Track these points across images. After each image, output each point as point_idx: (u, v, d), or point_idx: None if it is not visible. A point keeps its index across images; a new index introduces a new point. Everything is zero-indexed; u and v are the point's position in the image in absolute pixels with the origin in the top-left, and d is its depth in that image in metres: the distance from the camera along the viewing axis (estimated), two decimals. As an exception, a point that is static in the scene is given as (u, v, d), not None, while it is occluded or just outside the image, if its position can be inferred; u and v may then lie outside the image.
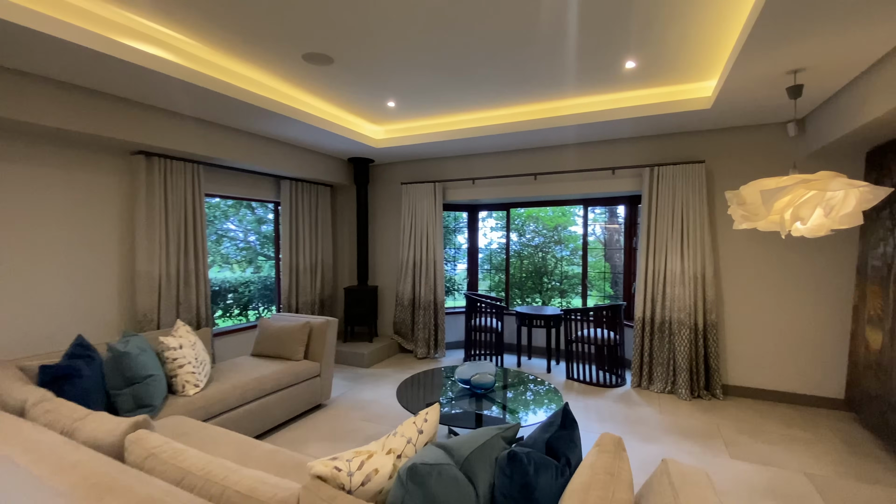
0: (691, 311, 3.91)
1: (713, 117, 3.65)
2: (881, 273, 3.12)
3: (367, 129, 4.62)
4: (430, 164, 5.37)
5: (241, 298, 6.50)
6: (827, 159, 3.61)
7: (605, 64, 3.03)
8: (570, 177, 4.64)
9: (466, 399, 2.80)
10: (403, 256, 5.31)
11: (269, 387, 3.10)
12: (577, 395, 4.00)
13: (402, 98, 3.74)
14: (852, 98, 2.83)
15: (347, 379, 4.42)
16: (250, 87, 3.29)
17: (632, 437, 3.15)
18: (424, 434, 1.41)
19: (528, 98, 3.74)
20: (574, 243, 7.17)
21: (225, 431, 2.21)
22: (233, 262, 7.18)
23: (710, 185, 4.02)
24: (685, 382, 3.89)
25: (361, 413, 3.54)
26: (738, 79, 2.80)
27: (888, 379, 2.97)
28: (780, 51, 2.42)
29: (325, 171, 5.15)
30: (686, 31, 2.58)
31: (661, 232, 4.07)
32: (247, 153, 4.10)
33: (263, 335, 3.61)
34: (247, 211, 7.38)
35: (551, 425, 1.46)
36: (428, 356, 5.21)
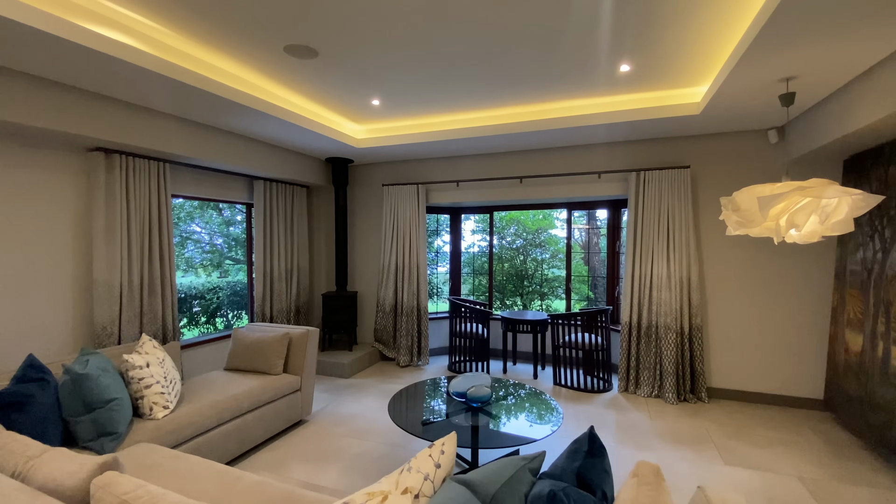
0: (677, 316, 3.93)
1: (699, 123, 3.67)
2: (861, 277, 3.21)
3: (349, 127, 4.42)
4: (414, 165, 5.21)
5: (209, 306, 6.12)
6: (806, 166, 3.69)
7: (599, 66, 2.97)
8: (556, 180, 4.59)
9: (462, 414, 2.67)
10: (385, 261, 5.13)
11: (247, 405, 2.87)
12: (565, 401, 3.94)
13: (388, 96, 3.58)
14: (837, 108, 2.88)
15: (328, 391, 4.20)
16: (226, 80, 3.04)
17: (626, 444, 3.11)
18: (442, 468, 1.27)
19: (517, 99, 3.65)
20: (554, 246, 7.17)
21: (201, 461, 1.98)
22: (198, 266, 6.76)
23: (695, 190, 4.05)
24: (672, 386, 3.89)
25: (345, 429, 3.34)
26: (733, 85, 2.80)
27: (868, 380, 3.05)
28: (778, 58, 2.42)
29: (301, 172, 4.90)
30: (684, 34, 2.54)
31: (647, 236, 4.07)
32: (219, 151, 3.82)
33: (238, 348, 3.36)
34: (213, 212, 6.97)
35: (577, 452, 1.35)
36: (411, 364, 5.04)
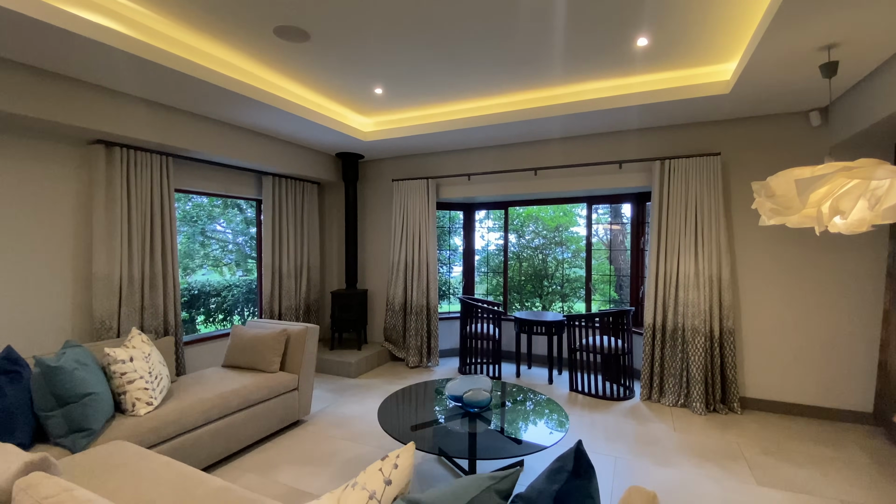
0: (706, 317, 3.58)
1: (730, 105, 3.33)
2: (921, 275, 2.80)
3: (355, 120, 4.29)
4: (423, 159, 5.05)
5: (224, 303, 6.15)
6: (852, 150, 3.29)
7: (614, 41, 2.71)
8: (573, 171, 4.31)
9: (458, 419, 2.46)
10: (394, 258, 4.98)
11: (236, 404, 2.76)
12: (581, 409, 3.66)
13: (391, 84, 3.42)
14: (888, 80, 2.51)
15: (332, 391, 4.07)
16: (222, 69, 2.96)
17: (645, 458, 2.81)
18: (394, 485, 1.08)
19: (528, 83, 3.42)
20: (576, 245, 6.84)
21: (169, 462, 1.86)
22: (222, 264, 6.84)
23: (726, 180, 3.70)
24: (700, 395, 3.55)
25: (343, 431, 3.19)
26: (763, 57, 2.48)
27: (932, 394, 2.65)
28: (814, 22, 2.11)
29: (311, 167, 4.82)
30: (708, 1, 2.26)
31: (672, 231, 3.74)
32: (223, 145, 3.77)
33: (236, 344, 3.27)
34: (235, 211, 7.05)
35: (559, 471, 1.12)
36: (420, 365, 4.86)
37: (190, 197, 5.67)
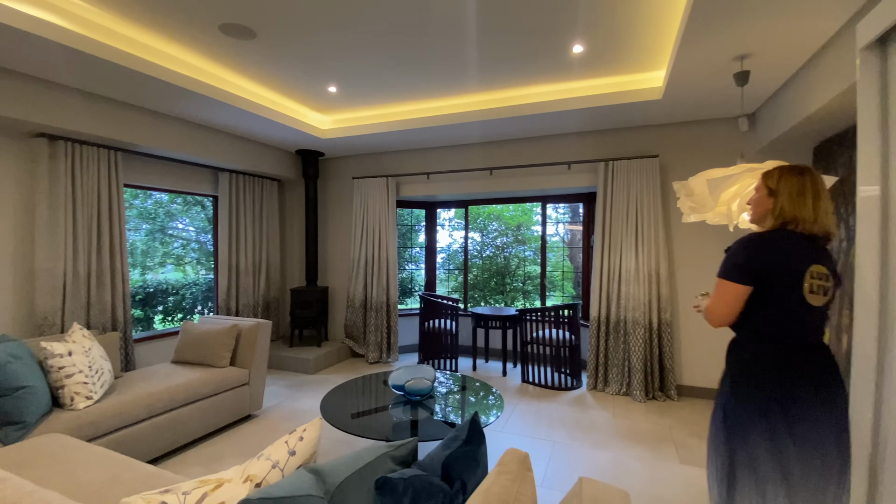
0: (646, 310, 3.79)
1: (666, 110, 3.55)
2: (830, 269, 3.06)
3: (312, 118, 4.33)
4: (383, 157, 5.12)
5: (183, 301, 6.06)
6: (777, 154, 3.55)
7: (553, 46, 2.86)
8: (526, 172, 4.47)
9: (401, 407, 2.56)
10: (355, 255, 5.03)
11: (183, 397, 2.77)
12: (530, 398, 3.82)
13: (344, 83, 3.49)
14: (798, 89, 2.75)
15: (288, 387, 4.10)
16: (169, 64, 2.97)
17: (582, 442, 2.98)
18: (297, 455, 1.16)
19: (479, 86, 3.55)
20: (536, 243, 7.04)
21: (103, 452, 1.89)
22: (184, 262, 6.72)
23: (664, 180, 3.92)
24: (640, 384, 3.75)
25: (294, 424, 3.23)
26: (684, 66, 2.68)
27: (837, 377, 2.90)
28: (724, 34, 2.30)
29: (270, 164, 4.83)
30: (634, 11, 2.43)
31: (615, 228, 3.94)
32: (176, 140, 3.75)
33: (185, 340, 3.27)
34: (198, 209, 6.93)
35: (455, 440, 1.23)
36: (380, 360, 4.93)
37: (150, 194, 5.57)
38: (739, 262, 1.41)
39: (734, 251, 1.44)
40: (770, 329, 1.39)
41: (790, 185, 1.42)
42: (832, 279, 1.37)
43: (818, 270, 1.35)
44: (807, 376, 1.33)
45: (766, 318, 1.39)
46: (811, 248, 1.38)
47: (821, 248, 1.40)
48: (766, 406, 1.34)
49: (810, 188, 1.40)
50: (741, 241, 1.44)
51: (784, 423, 1.31)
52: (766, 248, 1.38)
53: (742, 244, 1.43)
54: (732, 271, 1.41)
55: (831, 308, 2.94)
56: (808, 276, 1.34)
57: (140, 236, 5.52)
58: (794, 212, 1.40)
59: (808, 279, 1.34)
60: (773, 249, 1.38)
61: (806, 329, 1.36)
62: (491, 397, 2.75)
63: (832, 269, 1.39)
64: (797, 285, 1.34)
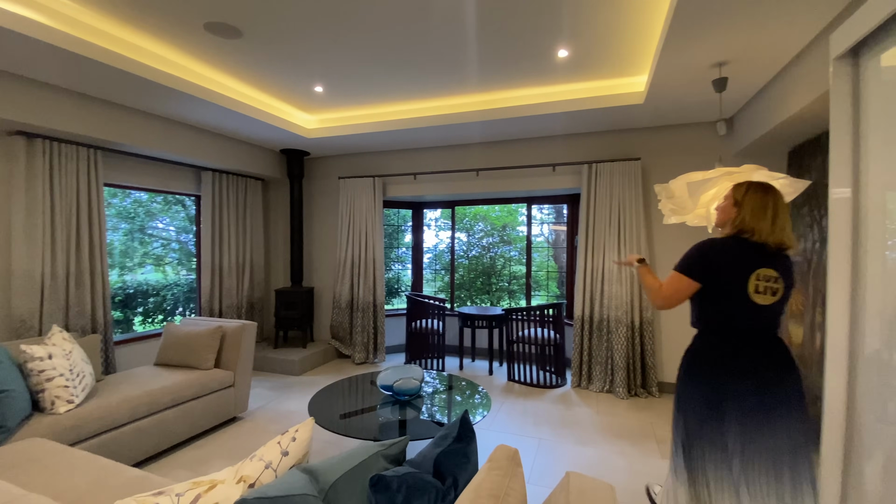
0: (628, 309, 3.88)
1: (648, 114, 3.63)
2: (801, 268, 3.18)
3: (298, 117, 4.31)
4: (370, 157, 5.11)
5: (164, 303, 5.95)
6: (753, 158, 3.67)
7: (538, 50, 2.91)
8: (512, 173, 4.53)
9: (389, 407, 2.57)
10: (341, 255, 5.02)
11: (167, 400, 2.74)
12: (516, 397, 3.87)
13: (331, 83, 3.48)
14: (773, 96, 2.86)
15: (274, 388, 4.07)
16: (153, 62, 2.92)
17: (566, 439, 3.04)
18: (290, 456, 1.17)
19: (467, 88, 3.58)
20: (521, 243, 7.12)
21: (87, 456, 1.86)
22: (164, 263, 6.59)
23: (646, 183, 4.02)
24: (623, 381, 3.84)
25: (281, 426, 3.22)
26: (665, 71, 2.76)
27: (810, 372, 3.02)
28: (703, 42, 2.38)
29: (254, 163, 4.78)
30: (617, 17, 2.49)
31: (599, 229, 4.02)
32: (158, 139, 3.69)
33: (169, 342, 3.22)
34: (179, 208, 6.81)
35: (446, 437, 1.26)
36: (367, 361, 4.93)
37: (128, 193, 5.45)
38: (693, 262, 1.62)
39: (691, 252, 1.65)
40: (717, 323, 1.60)
41: (754, 201, 1.63)
42: (782, 281, 1.54)
43: (765, 273, 1.53)
44: (752, 364, 1.51)
45: (714, 313, 1.60)
46: (760, 254, 1.56)
47: (771, 255, 1.57)
48: (712, 389, 1.54)
49: (771, 206, 1.60)
50: (698, 244, 1.66)
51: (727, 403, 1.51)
52: (717, 252, 1.59)
53: (697, 247, 1.64)
54: (687, 268, 1.63)
55: (805, 306, 3.07)
56: (753, 278, 1.53)
57: (118, 236, 5.41)
58: (753, 224, 1.59)
59: (753, 281, 1.53)
60: (722, 254, 1.58)
61: (751, 323, 1.54)
62: (478, 396, 2.78)
63: (783, 272, 1.55)
64: (742, 286, 1.53)
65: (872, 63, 1.44)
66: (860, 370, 1.45)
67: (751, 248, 1.57)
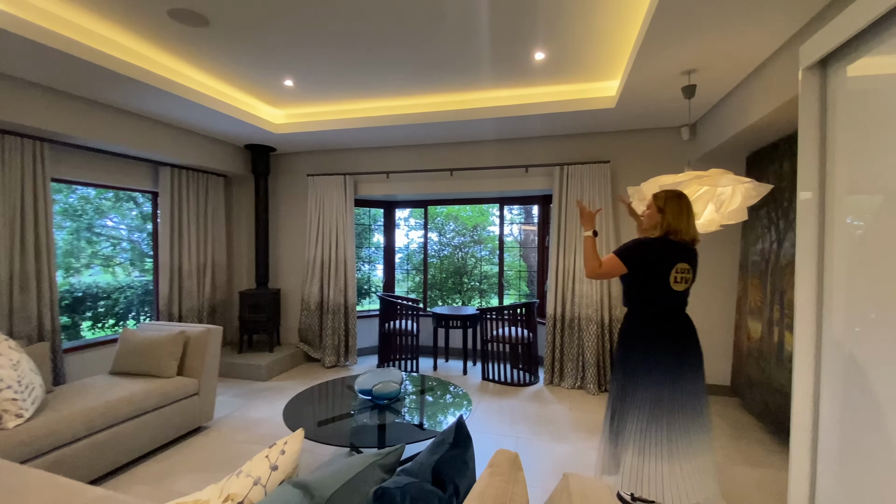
0: (598, 307, 3.99)
1: (617, 118, 3.74)
2: (760, 267, 3.38)
3: (265, 111, 4.14)
4: (341, 155, 4.99)
5: (115, 306, 5.58)
6: (714, 162, 3.86)
7: (515, 52, 2.92)
8: (485, 174, 4.55)
9: (368, 412, 2.52)
10: (310, 255, 4.87)
11: (127, 412, 2.56)
12: (491, 395, 3.89)
13: (301, 77, 3.36)
14: (736, 103, 3.01)
15: (240, 395, 3.90)
16: (109, 49, 2.72)
17: (542, 437, 3.08)
18: (280, 470, 1.11)
19: (443, 87, 3.55)
20: (492, 243, 7.18)
21: (44, 475, 1.70)
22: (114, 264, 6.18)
23: (615, 185, 4.14)
24: (593, 377, 3.94)
25: (250, 434, 3.08)
26: (638, 77, 2.84)
27: (768, 366, 3.21)
28: (676, 49, 2.47)
29: (216, 159, 4.55)
30: (593, 23, 2.54)
31: (570, 230, 4.11)
32: (112, 131, 3.44)
33: (126, 349, 3.01)
34: (130, 205, 6.40)
35: (441, 444, 1.24)
36: (338, 364, 4.82)
37: (74, 188, 5.07)
38: (630, 253, 2.01)
39: (630, 245, 2.04)
40: (644, 304, 2.04)
41: (673, 206, 2.05)
42: (691, 272, 2.02)
43: (682, 266, 1.98)
44: (669, 335, 1.98)
45: (642, 296, 2.03)
46: (681, 251, 1.99)
47: (688, 251, 2.02)
48: (643, 356, 1.98)
49: (685, 209, 2.05)
50: (637, 241, 2.05)
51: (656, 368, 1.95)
52: (647, 249, 2.00)
53: (636, 243, 2.04)
54: (624, 256, 2.01)
55: (763, 303, 3.25)
56: (673, 271, 1.97)
57: (63, 235, 5.03)
58: (676, 225, 2.01)
59: (673, 273, 1.97)
60: (651, 251, 1.99)
61: (668, 304, 2.00)
62: (457, 397, 2.77)
63: (693, 265, 2.03)
64: (665, 277, 1.96)
65: (839, 73, 1.53)
66: (826, 364, 1.54)
67: (674, 246, 1.99)
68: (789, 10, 2.05)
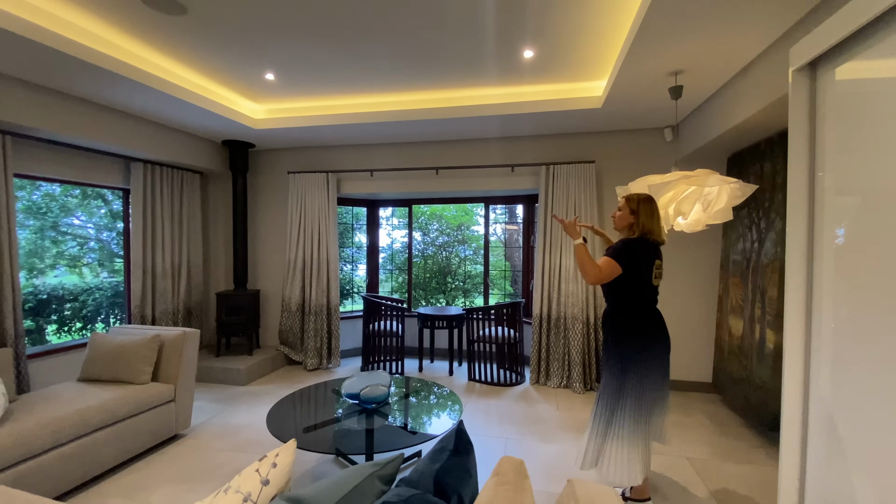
0: (584, 307, 4.00)
1: (603, 118, 3.76)
2: (741, 267, 3.44)
3: (245, 106, 4.00)
4: (323, 152, 4.88)
5: (83, 309, 5.32)
6: (697, 162, 3.92)
7: (504, 50, 2.89)
8: (471, 173, 4.51)
9: (356, 417, 2.44)
10: (291, 255, 4.74)
11: (97, 421, 2.41)
12: (478, 396, 3.86)
13: (284, 70, 3.25)
14: (720, 105, 3.06)
15: (218, 401, 3.76)
16: (78, 36, 2.56)
17: (531, 437, 3.06)
18: (272, 485, 1.04)
19: (430, 84, 3.50)
20: (476, 243, 7.16)
21: (10, 492, 1.57)
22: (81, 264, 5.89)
23: (600, 185, 4.16)
24: (579, 376, 3.96)
25: (230, 442, 2.96)
26: (627, 76, 2.85)
27: (748, 362, 3.27)
28: (665, 49, 2.48)
29: (192, 154, 4.38)
30: (583, 21, 2.53)
31: (556, 229, 4.11)
32: (81, 124, 3.26)
33: (96, 354, 2.85)
34: (99, 202, 6.11)
35: (442, 451, 1.19)
36: (320, 367, 4.70)
37: (38, 185, 4.80)
38: (623, 254, 2.11)
39: (620, 247, 2.14)
40: (634, 300, 2.17)
41: (646, 208, 2.19)
42: (662, 267, 2.24)
43: (658, 263, 2.18)
44: (655, 326, 2.17)
45: (631, 293, 2.16)
46: (655, 250, 2.18)
47: (658, 249, 2.21)
48: (641, 348, 2.14)
49: (656, 212, 2.21)
50: (625, 242, 2.16)
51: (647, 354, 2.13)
52: (636, 249, 2.13)
53: (625, 244, 2.15)
54: (618, 258, 2.11)
55: (744, 301, 3.31)
56: (654, 267, 2.15)
57: (25, 234, 4.76)
58: (649, 226, 2.18)
59: (654, 270, 2.15)
60: (639, 250, 2.13)
61: (650, 298, 2.19)
62: (447, 400, 2.72)
63: (662, 261, 2.23)
64: (647, 273, 2.13)
65: (828, 76, 1.55)
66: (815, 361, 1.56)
67: (651, 245, 2.16)
68: (777, 11, 2.08)
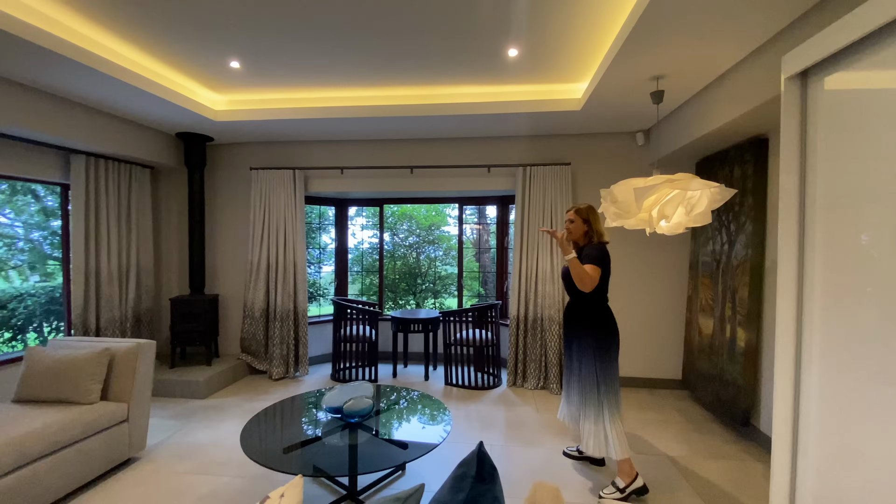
0: (560, 307, 4.01)
1: (580, 121, 3.78)
2: (711, 267, 3.56)
3: (204, 96, 3.69)
4: (290, 147, 4.61)
5: (12, 318, 4.75)
6: (667, 167, 4.03)
7: (487, 47, 2.81)
8: (447, 172, 4.41)
9: (339, 432, 2.28)
10: (254, 258, 4.44)
11: (38, 449, 2.10)
12: (456, 401, 3.77)
13: (250, 59, 3.01)
14: (695, 111, 3.14)
15: (175, 417, 3.44)
16: (13, 10, 2.22)
17: (515, 442, 3.01)
18: (280, 531, 0.90)
19: (406, 79, 3.37)
20: (447, 243, 7.07)
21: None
22: (8, 267, 5.27)
23: (575, 187, 4.19)
24: (556, 377, 3.96)
25: (192, 463, 2.70)
26: (611, 80, 2.86)
27: (719, 360, 3.39)
28: (650, 55, 2.50)
29: (141, 147, 3.99)
30: (569, 21, 2.49)
31: (533, 231, 4.10)
32: (12, 111, 2.86)
33: (33, 371, 2.50)
34: (28, 199, 5.49)
35: (463, 479, 1.08)
36: (286, 376, 4.44)
37: (-48, 178, 4.22)
38: (602, 257, 2.40)
39: (598, 254, 2.40)
40: (603, 296, 2.47)
41: (595, 217, 2.53)
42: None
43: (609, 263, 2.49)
44: (612, 318, 2.48)
45: (603, 290, 2.46)
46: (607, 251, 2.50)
47: None
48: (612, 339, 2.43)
49: (600, 217, 2.56)
50: (599, 248, 2.44)
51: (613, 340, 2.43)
52: (607, 253, 2.45)
53: (599, 250, 2.42)
54: (600, 261, 2.38)
55: (714, 301, 3.42)
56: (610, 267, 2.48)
57: (-61, 234, 4.20)
58: (603, 231, 2.52)
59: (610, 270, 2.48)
60: (608, 255, 2.45)
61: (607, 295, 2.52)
62: (431, 408, 2.61)
63: None
64: (610, 271, 2.46)
65: (818, 85, 1.59)
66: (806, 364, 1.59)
67: (606, 248, 2.48)
68: (763, 19, 2.13)
